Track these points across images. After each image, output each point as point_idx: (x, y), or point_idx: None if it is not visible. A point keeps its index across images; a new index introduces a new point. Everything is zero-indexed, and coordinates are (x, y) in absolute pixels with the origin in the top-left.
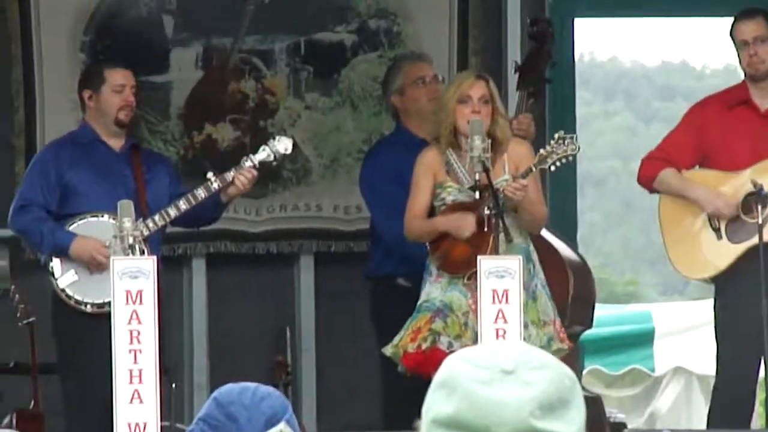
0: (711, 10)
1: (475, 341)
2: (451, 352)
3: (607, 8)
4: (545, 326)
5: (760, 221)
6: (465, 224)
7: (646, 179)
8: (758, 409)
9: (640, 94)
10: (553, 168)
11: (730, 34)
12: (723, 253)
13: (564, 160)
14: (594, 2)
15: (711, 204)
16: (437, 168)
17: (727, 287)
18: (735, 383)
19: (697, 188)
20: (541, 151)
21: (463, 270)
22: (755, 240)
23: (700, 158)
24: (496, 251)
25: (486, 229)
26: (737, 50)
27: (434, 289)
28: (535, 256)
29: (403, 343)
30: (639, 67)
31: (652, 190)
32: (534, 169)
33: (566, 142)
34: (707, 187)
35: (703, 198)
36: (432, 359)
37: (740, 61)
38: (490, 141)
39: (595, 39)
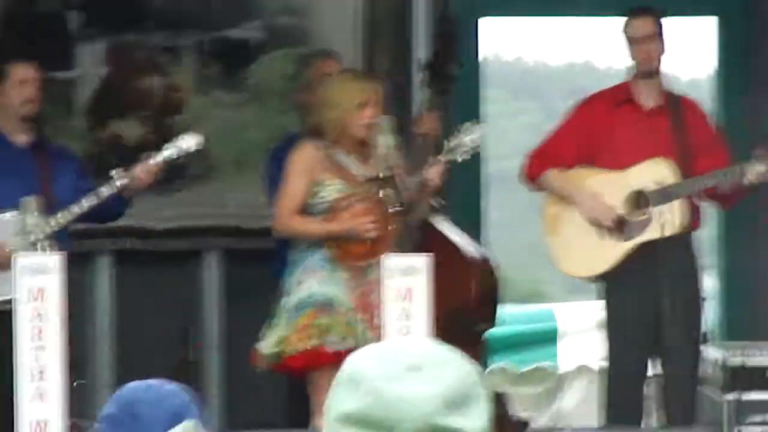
0: (616, 10)
1: (361, 341)
2: (337, 351)
3: (513, 7)
4: None
5: (662, 221)
6: (368, 226)
7: (530, 178)
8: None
9: (546, 93)
10: (460, 159)
11: (623, 30)
12: (606, 252)
13: (471, 152)
14: (499, 2)
15: (591, 212)
16: (314, 165)
17: (615, 285)
18: (627, 380)
19: (579, 194)
20: (447, 142)
21: (363, 259)
22: (642, 237)
23: (584, 156)
24: (401, 248)
25: (389, 227)
26: (629, 47)
27: (314, 283)
28: None
29: (289, 342)
30: (543, 66)
31: (533, 189)
32: (441, 161)
33: (474, 130)
34: (589, 193)
35: (586, 205)
36: (317, 359)
37: (632, 58)
38: (397, 139)
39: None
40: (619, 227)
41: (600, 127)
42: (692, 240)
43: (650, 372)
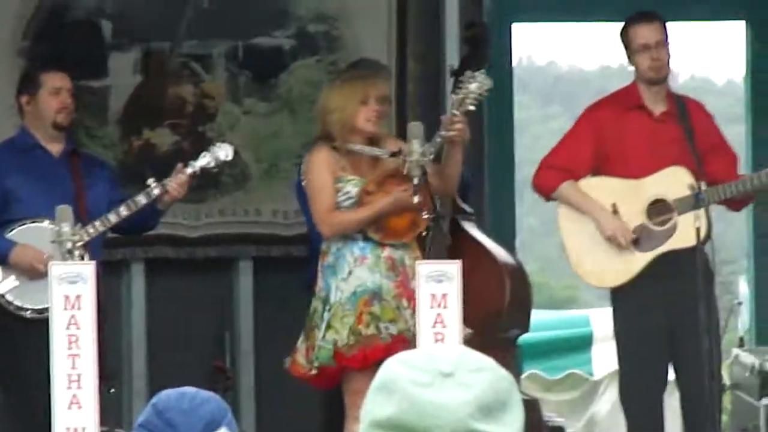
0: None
1: (406, 326)
2: (387, 345)
3: (545, 13)
4: None
5: (698, 225)
6: (405, 194)
7: (545, 190)
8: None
9: (578, 98)
10: (472, 108)
11: (624, 37)
12: (630, 261)
13: (481, 97)
14: (532, 7)
15: (608, 229)
16: (332, 164)
17: (628, 295)
18: (641, 391)
19: (597, 210)
20: (453, 96)
21: (408, 234)
22: (665, 247)
23: (597, 163)
24: (436, 255)
25: (424, 232)
26: (635, 53)
27: (361, 274)
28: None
29: (344, 334)
30: (577, 71)
31: (549, 199)
32: (456, 113)
33: (478, 78)
34: (607, 211)
35: (603, 222)
36: (372, 354)
37: (637, 65)
38: (429, 147)
39: (533, 43)
40: (638, 239)
41: (611, 133)
42: (705, 249)
43: (670, 380)
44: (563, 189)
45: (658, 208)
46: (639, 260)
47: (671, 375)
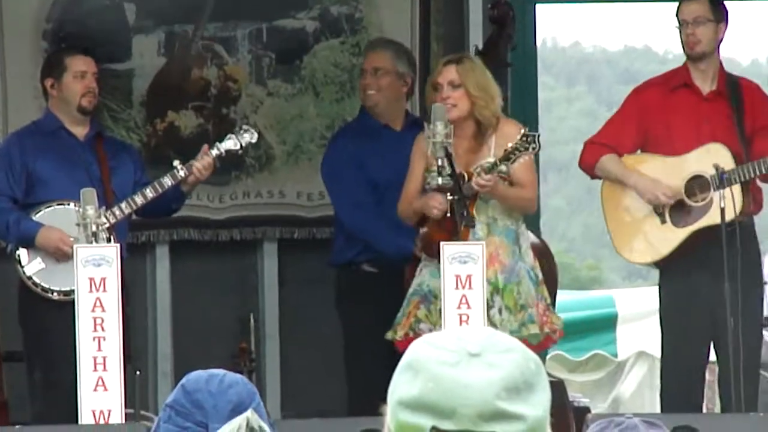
0: None
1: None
2: None
3: None
4: (521, 311)
5: (722, 204)
6: (433, 203)
7: (588, 165)
8: (717, 390)
9: (603, 79)
10: (515, 165)
11: (675, 15)
12: (668, 237)
13: (526, 158)
14: None
15: (649, 192)
16: (425, 151)
17: (672, 271)
18: (683, 369)
19: (635, 176)
20: (507, 147)
21: (439, 254)
22: (701, 223)
23: (642, 142)
24: (459, 235)
25: (449, 213)
26: (679, 30)
27: (426, 273)
28: (524, 238)
29: (397, 328)
30: (601, 52)
31: (593, 176)
32: (498, 164)
33: (529, 140)
34: (645, 175)
35: (641, 186)
36: None
37: (681, 42)
38: (472, 124)
39: (557, 24)
40: (678, 212)
41: (656, 112)
42: (753, 224)
43: (711, 358)
44: (604, 161)
45: (699, 185)
46: (676, 236)
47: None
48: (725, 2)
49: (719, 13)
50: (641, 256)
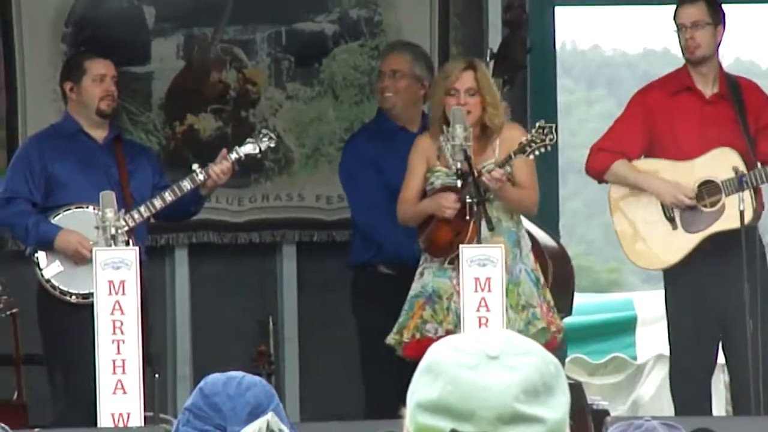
0: None
1: (456, 325)
2: (438, 337)
3: None
4: (523, 311)
5: (741, 208)
6: (446, 203)
7: (597, 171)
8: (725, 394)
9: (622, 82)
10: (531, 157)
11: (673, 18)
12: (680, 243)
13: (543, 150)
14: None
15: (669, 195)
16: (430, 154)
17: (680, 276)
18: (691, 372)
19: (654, 180)
20: (522, 140)
21: (445, 253)
22: (713, 228)
23: (648, 146)
24: (478, 239)
25: (468, 216)
26: (677, 34)
27: (428, 275)
28: (525, 241)
29: (403, 332)
30: (620, 55)
31: (602, 182)
32: (513, 156)
33: (545, 131)
34: (663, 178)
35: (662, 189)
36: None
37: (680, 45)
38: (478, 128)
39: (576, 27)
40: (689, 217)
41: (661, 116)
42: (757, 226)
43: (720, 361)
44: (616, 167)
45: (708, 189)
46: (688, 241)
47: (720, 358)
48: (729, 6)
49: (717, 16)
50: (653, 263)
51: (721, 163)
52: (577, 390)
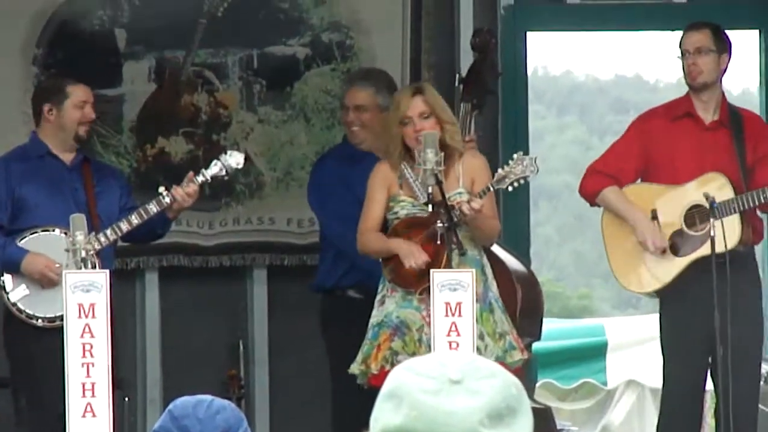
0: (663, 25)
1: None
2: None
3: (560, 22)
4: (500, 339)
5: (712, 233)
6: (417, 261)
7: (589, 194)
8: (710, 421)
9: (594, 107)
10: (510, 189)
11: (679, 45)
12: (668, 267)
13: (522, 181)
14: (547, 16)
15: (643, 237)
16: (391, 181)
17: (672, 300)
18: (682, 396)
19: (635, 214)
20: (500, 170)
21: (415, 285)
22: (699, 252)
23: (644, 171)
24: (449, 265)
25: (439, 242)
26: (681, 60)
27: (390, 304)
28: (488, 270)
29: (369, 362)
30: (592, 80)
31: (593, 204)
32: (492, 188)
33: (525, 163)
34: (644, 217)
35: (640, 229)
36: None
37: (683, 71)
38: (442, 154)
39: (548, 53)
40: (678, 241)
41: (659, 141)
42: (753, 254)
43: (708, 388)
44: (606, 193)
45: (699, 214)
46: (676, 265)
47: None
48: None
49: (722, 44)
50: (642, 286)
51: (707, 187)
52: (546, 415)
